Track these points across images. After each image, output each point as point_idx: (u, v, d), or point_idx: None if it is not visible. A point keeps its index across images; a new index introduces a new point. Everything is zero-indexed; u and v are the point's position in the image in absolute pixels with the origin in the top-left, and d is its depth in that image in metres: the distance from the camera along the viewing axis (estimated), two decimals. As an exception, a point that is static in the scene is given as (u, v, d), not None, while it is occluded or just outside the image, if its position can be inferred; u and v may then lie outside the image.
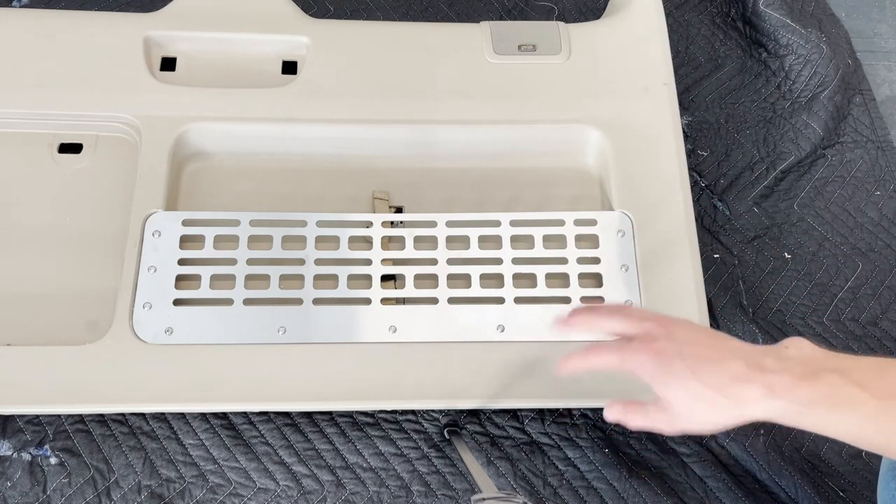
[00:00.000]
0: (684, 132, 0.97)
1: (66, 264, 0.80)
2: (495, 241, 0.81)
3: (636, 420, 0.52)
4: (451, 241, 0.81)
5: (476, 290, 0.78)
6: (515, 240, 0.81)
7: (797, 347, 0.47)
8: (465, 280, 0.79)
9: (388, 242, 0.81)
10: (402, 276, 0.78)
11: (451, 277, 0.79)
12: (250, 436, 0.77)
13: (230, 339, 0.74)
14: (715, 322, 0.86)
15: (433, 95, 0.87)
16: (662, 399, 0.49)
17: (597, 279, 0.79)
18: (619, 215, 0.82)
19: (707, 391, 0.46)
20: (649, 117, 0.87)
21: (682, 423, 0.48)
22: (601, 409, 0.80)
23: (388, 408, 0.79)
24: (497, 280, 0.79)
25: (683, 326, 0.49)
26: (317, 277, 0.78)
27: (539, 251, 0.80)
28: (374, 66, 0.88)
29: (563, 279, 0.79)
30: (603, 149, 0.86)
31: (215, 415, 0.78)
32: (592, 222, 0.81)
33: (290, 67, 0.91)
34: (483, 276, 0.79)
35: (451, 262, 0.79)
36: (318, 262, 0.78)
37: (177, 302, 0.76)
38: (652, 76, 0.89)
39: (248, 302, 0.76)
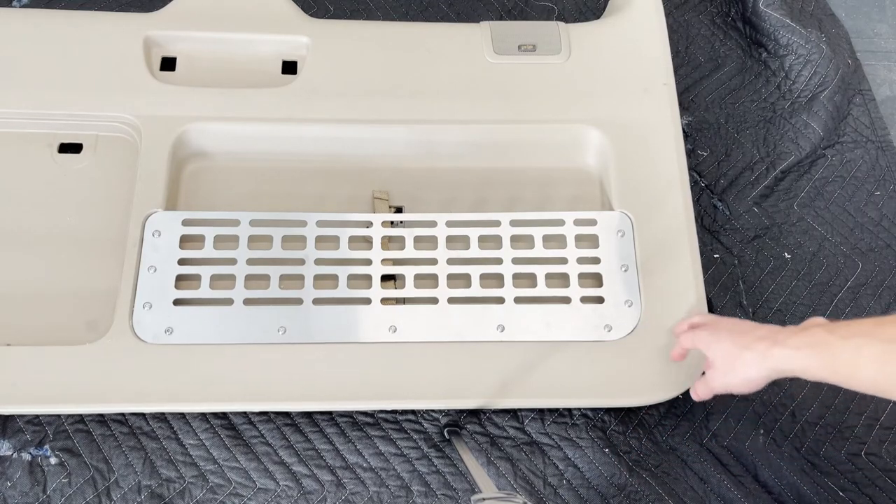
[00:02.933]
0: (684, 132, 0.97)
1: (66, 264, 0.80)
2: (495, 241, 0.81)
3: (701, 389, 0.68)
4: (451, 241, 0.81)
5: (476, 290, 0.78)
6: (515, 240, 0.81)
7: (811, 319, 0.61)
8: (465, 280, 0.79)
9: (388, 242, 0.81)
10: (402, 276, 0.78)
11: (451, 277, 0.79)
12: (250, 436, 0.77)
13: (230, 339, 0.74)
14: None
15: (433, 95, 0.87)
16: (710, 359, 0.65)
17: (597, 279, 0.79)
18: (619, 215, 0.82)
19: (737, 348, 0.62)
20: (649, 117, 0.87)
21: (725, 376, 0.63)
22: (601, 409, 0.80)
23: (388, 408, 0.79)
24: (497, 280, 0.79)
25: (735, 319, 0.68)
26: (317, 277, 0.78)
27: (539, 251, 0.80)
28: (374, 66, 0.88)
29: (563, 279, 0.79)
30: (603, 149, 0.86)
31: (215, 415, 0.78)
32: (592, 222, 0.81)
33: (290, 67, 0.91)
34: (483, 276, 0.79)
35: (451, 262, 0.79)
36: (318, 262, 0.78)
37: (177, 302, 0.76)
38: (652, 76, 0.89)
39: (248, 302, 0.76)
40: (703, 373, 0.69)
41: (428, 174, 0.88)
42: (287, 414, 0.79)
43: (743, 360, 0.61)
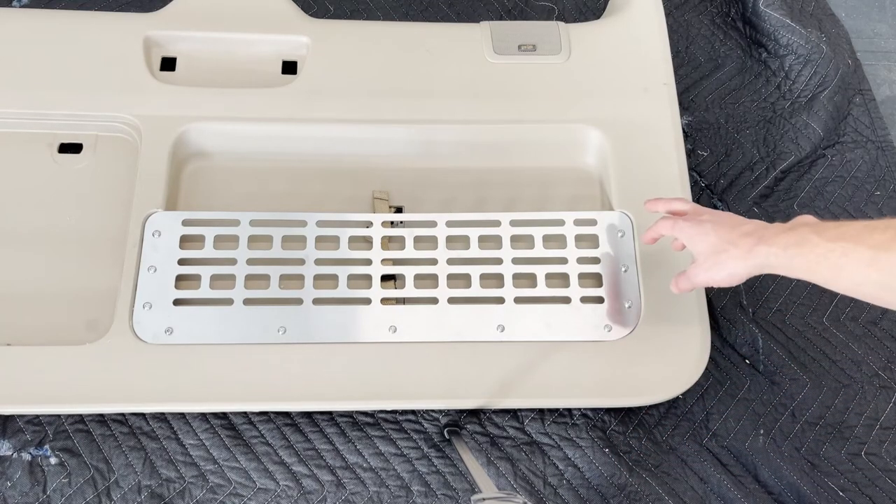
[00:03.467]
0: (684, 132, 0.97)
1: (66, 264, 0.80)
2: (495, 241, 0.81)
3: (683, 282, 0.66)
4: (451, 241, 0.81)
5: (476, 290, 0.78)
6: (515, 240, 0.81)
7: (800, 218, 0.60)
8: (465, 280, 0.79)
9: (388, 242, 0.81)
10: (402, 276, 0.78)
11: (451, 277, 0.79)
12: (250, 436, 0.77)
13: (230, 339, 0.74)
14: (715, 322, 0.86)
15: (433, 95, 0.87)
16: (694, 254, 0.64)
17: (597, 279, 0.79)
18: (619, 215, 0.82)
19: (722, 242, 0.61)
20: (649, 117, 0.87)
21: (708, 271, 0.62)
22: (601, 409, 0.80)
23: (388, 408, 0.79)
24: (497, 280, 0.79)
25: (722, 212, 0.66)
26: (317, 277, 0.78)
27: (539, 251, 0.80)
28: (374, 66, 0.88)
29: (563, 279, 0.79)
30: (603, 149, 0.86)
31: (215, 415, 0.78)
32: (592, 222, 0.81)
33: (290, 67, 0.91)
34: (483, 276, 0.79)
35: (451, 262, 0.79)
36: (318, 262, 0.78)
37: (177, 302, 0.76)
38: (652, 76, 0.89)
39: (248, 302, 0.76)
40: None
41: (428, 174, 0.88)
42: (287, 414, 0.79)
43: (728, 254, 0.60)
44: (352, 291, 0.77)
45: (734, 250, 0.60)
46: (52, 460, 0.75)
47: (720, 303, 0.87)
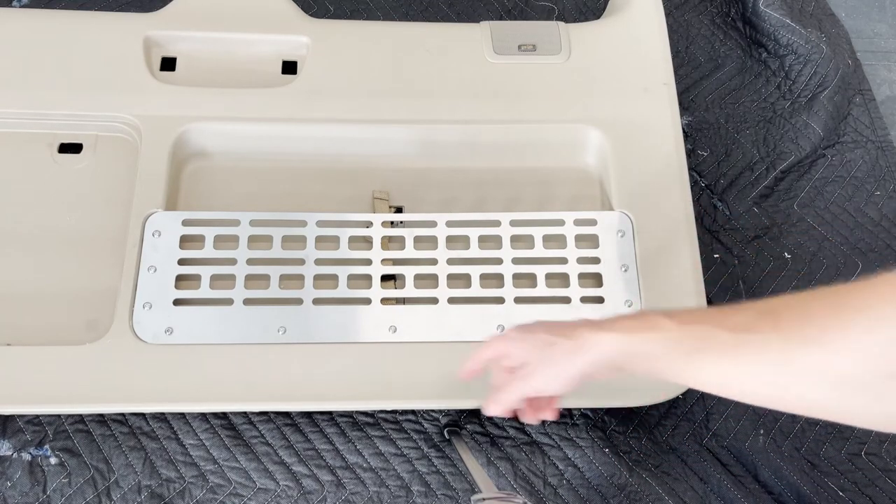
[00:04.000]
0: (684, 132, 0.97)
1: (66, 264, 0.80)
2: (495, 241, 0.81)
3: (491, 405, 0.57)
4: (451, 241, 0.81)
5: (476, 290, 0.78)
6: (515, 240, 0.81)
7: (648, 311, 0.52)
8: (465, 280, 0.79)
9: (388, 242, 0.81)
10: (402, 276, 0.78)
11: (451, 277, 0.79)
12: (250, 436, 0.77)
13: (230, 339, 0.74)
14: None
15: (433, 95, 0.87)
16: (517, 362, 0.55)
17: (597, 279, 0.79)
18: (619, 215, 0.82)
19: (551, 336, 0.52)
20: (649, 117, 0.87)
21: (527, 377, 0.53)
22: (601, 409, 0.80)
23: (388, 408, 0.79)
24: (497, 280, 0.79)
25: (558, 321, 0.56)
26: (317, 277, 0.78)
27: (539, 251, 0.80)
28: (374, 66, 0.88)
29: (563, 279, 0.79)
30: (603, 149, 0.86)
31: (215, 415, 0.78)
32: (592, 222, 0.81)
33: (290, 67, 0.91)
34: (483, 276, 0.79)
35: (451, 262, 0.79)
36: (318, 262, 0.78)
37: (177, 302, 0.76)
38: (652, 76, 0.89)
39: (248, 302, 0.76)
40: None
41: (428, 174, 0.88)
42: (287, 414, 0.79)
43: (556, 348, 0.51)
44: (352, 291, 0.77)
45: (565, 343, 0.50)
46: (52, 460, 0.75)
47: (720, 303, 0.87)
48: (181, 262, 0.77)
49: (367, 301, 0.77)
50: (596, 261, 0.80)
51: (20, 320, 0.77)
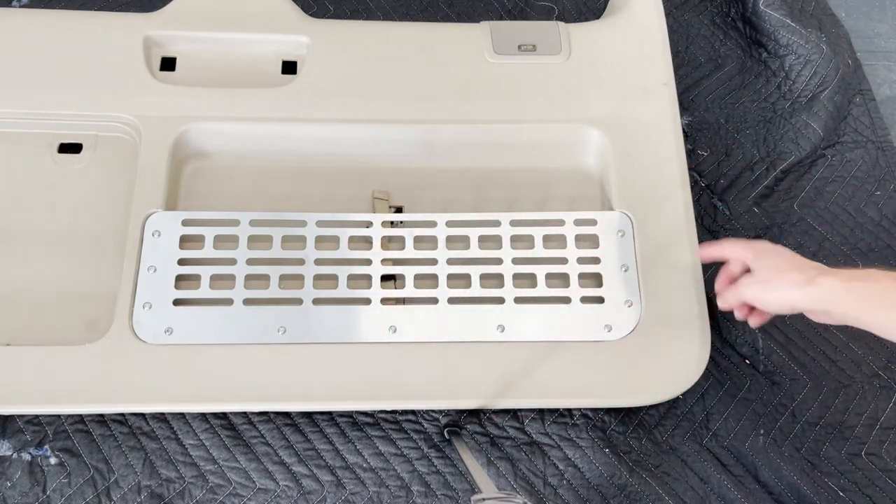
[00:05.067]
0: (684, 132, 0.97)
1: (66, 264, 0.80)
2: (495, 241, 0.81)
3: (730, 295, 0.65)
4: (451, 241, 0.81)
5: (476, 290, 0.78)
6: (515, 240, 0.81)
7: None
8: (465, 280, 0.79)
9: (388, 242, 0.81)
10: (402, 276, 0.78)
11: (451, 277, 0.79)
12: (250, 436, 0.77)
13: (230, 339, 0.74)
14: (715, 322, 0.86)
15: (433, 95, 0.87)
16: (754, 269, 0.63)
17: (597, 279, 0.79)
18: (619, 215, 0.82)
19: (786, 264, 0.60)
20: (649, 117, 0.87)
21: (761, 286, 0.61)
22: (601, 409, 0.80)
23: (388, 408, 0.79)
24: (497, 280, 0.79)
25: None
26: (317, 277, 0.78)
27: (539, 251, 0.80)
28: (373, 66, 0.88)
29: (563, 279, 0.79)
30: (603, 149, 0.86)
31: (215, 415, 0.78)
32: (592, 222, 0.81)
33: (290, 67, 0.91)
34: (483, 276, 0.79)
35: (451, 262, 0.79)
36: (318, 262, 0.78)
37: (177, 302, 0.76)
38: (652, 76, 0.89)
39: (248, 302, 0.76)
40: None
41: (428, 174, 0.88)
42: (287, 414, 0.79)
43: (788, 276, 0.59)
44: (352, 291, 0.77)
45: (795, 274, 0.58)
46: (52, 460, 0.75)
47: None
48: (181, 262, 0.77)
49: (367, 301, 0.77)
50: (596, 261, 0.80)
51: (20, 320, 0.77)
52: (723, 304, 0.66)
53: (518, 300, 0.78)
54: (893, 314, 0.52)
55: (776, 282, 0.60)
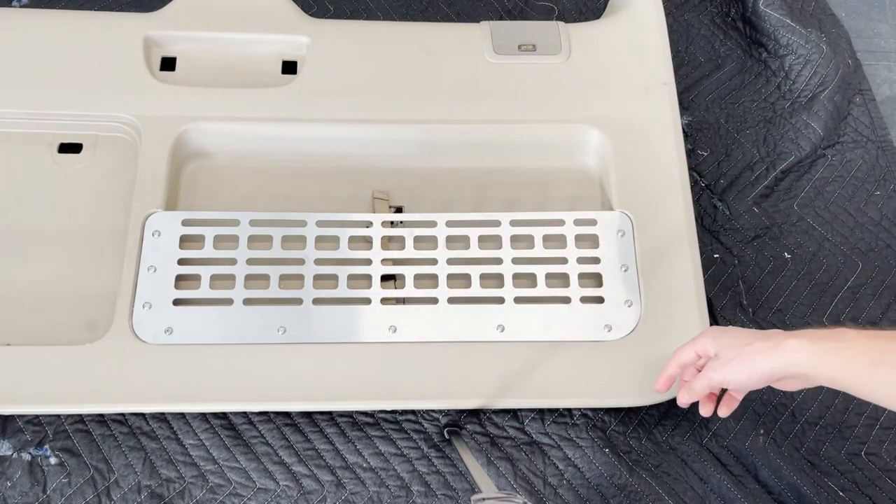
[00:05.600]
0: (684, 132, 0.97)
1: (66, 264, 0.80)
2: (495, 241, 0.81)
3: (699, 384, 0.61)
4: (451, 241, 0.81)
5: (476, 290, 0.78)
6: (515, 240, 0.81)
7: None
8: (465, 280, 0.79)
9: (388, 242, 0.81)
10: (402, 276, 0.78)
11: (451, 277, 0.79)
12: (250, 436, 0.77)
13: (230, 339, 0.74)
14: (715, 322, 0.86)
15: (433, 95, 0.87)
16: (716, 352, 0.61)
17: (597, 279, 0.79)
18: (619, 215, 0.82)
19: (748, 338, 0.58)
20: (649, 117, 0.87)
21: (727, 365, 0.58)
22: (601, 409, 0.80)
23: (388, 408, 0.79)
24: (497, 280, 0.79)
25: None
26: (317, 277, 0.78)
27: (539, 251, 0.80)
28: (374, 66, 0.89)
29: (563, 279, 0.79)
30: (603, 149, 0.86)
31: (215, 415, 0.78)
32: (592, 222, 0.81)
33: (290, 67, 0.91)
34: (483, 276, 0.79)
35: (451, 262, 0.79)
36: (318, 262, 0.78)
37: (177, 302, 0.76)
38: (652, 76, 0.89)
39: (248, 302, 0.76)
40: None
41: (428, 174, 0.88)
42: (287, 414, 0.79)
43: (755, 347, 0.57)
44: (352, 291, 0.77)
45: (760, 343, 0.56)
46: (52, 460, 0.75)
47: (720, 303, 0.87)
48: (181, 262, 0.77)
49: (367, 301, 0.77)
50: (596, 261, 0.80)
51: (20, 320, 0.77)
52: (689, 396, 0.63)
53: (518, 300, 0.78)
54: (876, 373, 0.50)
55: (744, 356, 0.57)
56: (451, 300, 0.77)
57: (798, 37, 1.04)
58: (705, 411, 0.67)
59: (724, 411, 0.67)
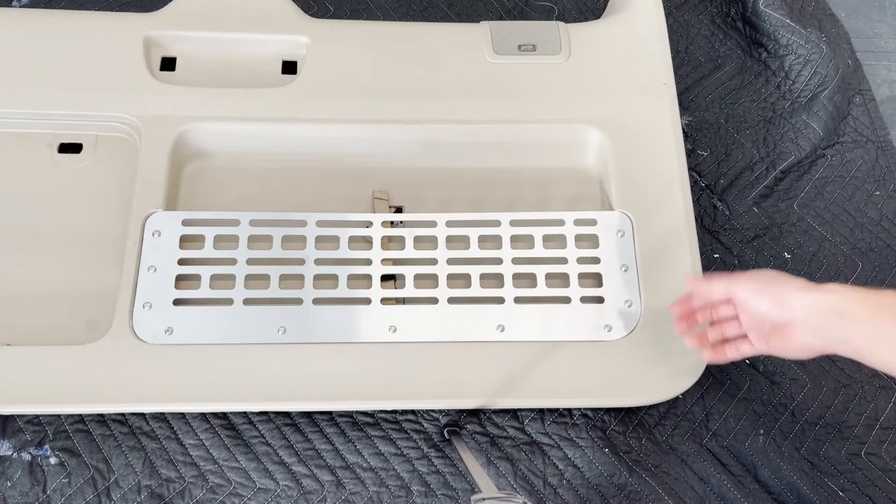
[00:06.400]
0: (684, 132, 0.97)
1: (66, 264, 0.80)
2: (495, 241, 0.81)
3: (747, 348, 0.64)
4: (451, 241, 0.81)
5: (476, 290, 0.78)
6: (515, 240, 0.81)
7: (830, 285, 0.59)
8: (465, 280, 0.79)
9: (388, 242, 0.81)
10: (402, 276, 0.78)
11: (451, 277, 0.79)
12: (250, 436, 0.77)
13: (230, 339, 0.74)
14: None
15: (433, 95, 0.87)
16: (755, 315, 0.62)
17: (597, 279, 0.79)
18: (619, 215, 0.82)
19: (783, 278, 0.60)
20: (649, 117, 0.87)
21: (776, 342, 0.60)
22: (601, 409, 0.80)
23: (388, 408, 0.79)
24: (497, 280, 0.79)
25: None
26: (317, 277, 0.78)
27: (539, 251, 0.80)
28: (374, 66, 0.88)
29: (563, 279, 0.79)
30: (603, 149, 0.86)
31: (215, 415, 0.78)
32: (592, 222, 0.81)
33: (290, 67, 0.91)
34: (483, 276, 0.79)
35: (451, 262, 0.79)
36: (318, 262, 0.78)
37: (177, 302, 0.76)
38: (652, 76, 0.89)
39: (248, 302, 0.76)
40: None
41: (428, 174, 0.88)
42: (287, 414, 0.79)
43: (792, 284, 0.58)
44: (352, 291, 0.77)
45: (797, 282, 0.58)
46: (52, 460, 0.75)
47: (720, 303, 0.87)
48: (181, 262, 0.77)
49: (367, 301, 0.77)
50: (596, 261, 0.80)
51: (20, 320, 0.77)
52: (724, 359, 0.65)
53: (518, 300, 0.78)
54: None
55: (791, 332, 0.58)
56: (451, 300, 0.77)
57: (798, 37, 1.04)
58: (732, 354, 0.67)
59: (735, 354, 0.68)
